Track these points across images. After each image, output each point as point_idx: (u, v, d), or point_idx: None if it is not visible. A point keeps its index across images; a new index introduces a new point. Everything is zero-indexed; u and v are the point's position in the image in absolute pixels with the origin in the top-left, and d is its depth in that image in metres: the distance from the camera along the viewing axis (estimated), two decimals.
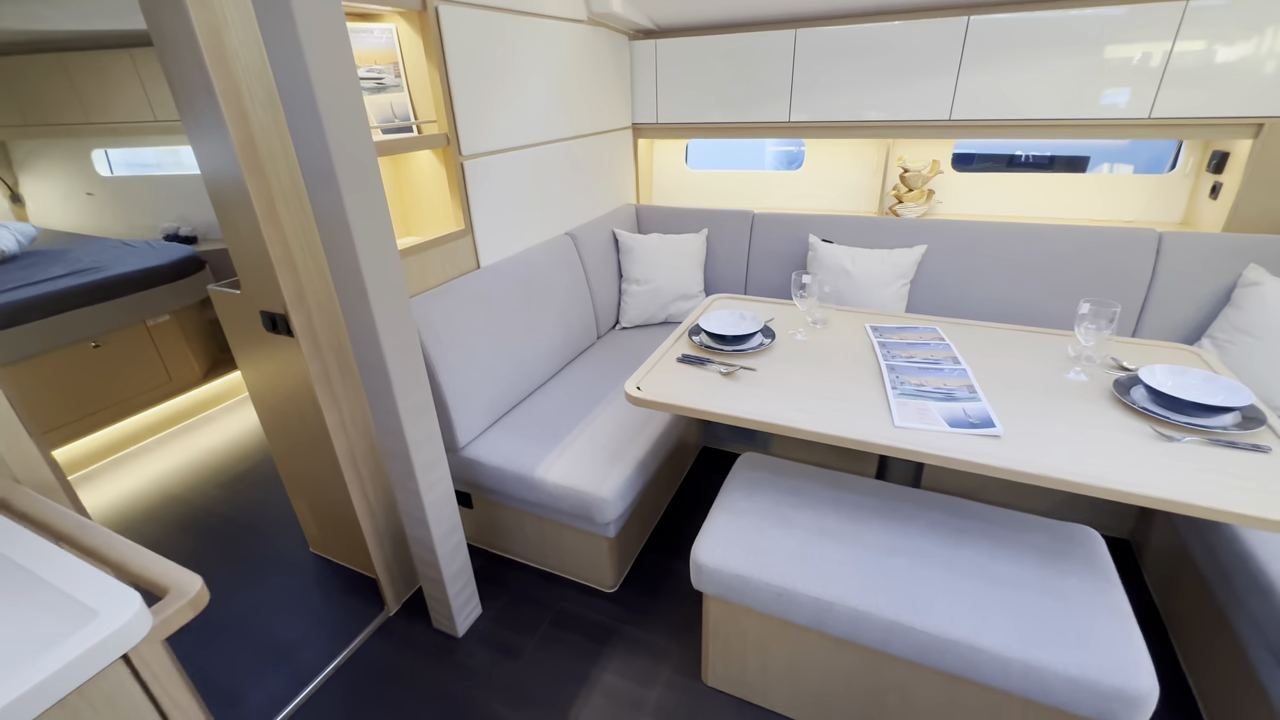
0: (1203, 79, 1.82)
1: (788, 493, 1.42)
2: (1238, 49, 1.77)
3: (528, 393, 1.92)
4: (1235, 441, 1.13)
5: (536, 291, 1.95)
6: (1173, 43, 1.81)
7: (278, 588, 1.82)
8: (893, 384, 1.38)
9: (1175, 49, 1.82)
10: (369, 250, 1.14)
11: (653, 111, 2.58)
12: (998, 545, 1.25)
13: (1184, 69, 1.83)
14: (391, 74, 1.60)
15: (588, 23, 2.17)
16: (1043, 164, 2.73)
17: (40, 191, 3.56)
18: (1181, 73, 1.83)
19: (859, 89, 2.21)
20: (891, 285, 2.12)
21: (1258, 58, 1.76)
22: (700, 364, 1.53)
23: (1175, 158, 2.20)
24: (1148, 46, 1.84)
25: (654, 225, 2.62)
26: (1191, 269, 1.88)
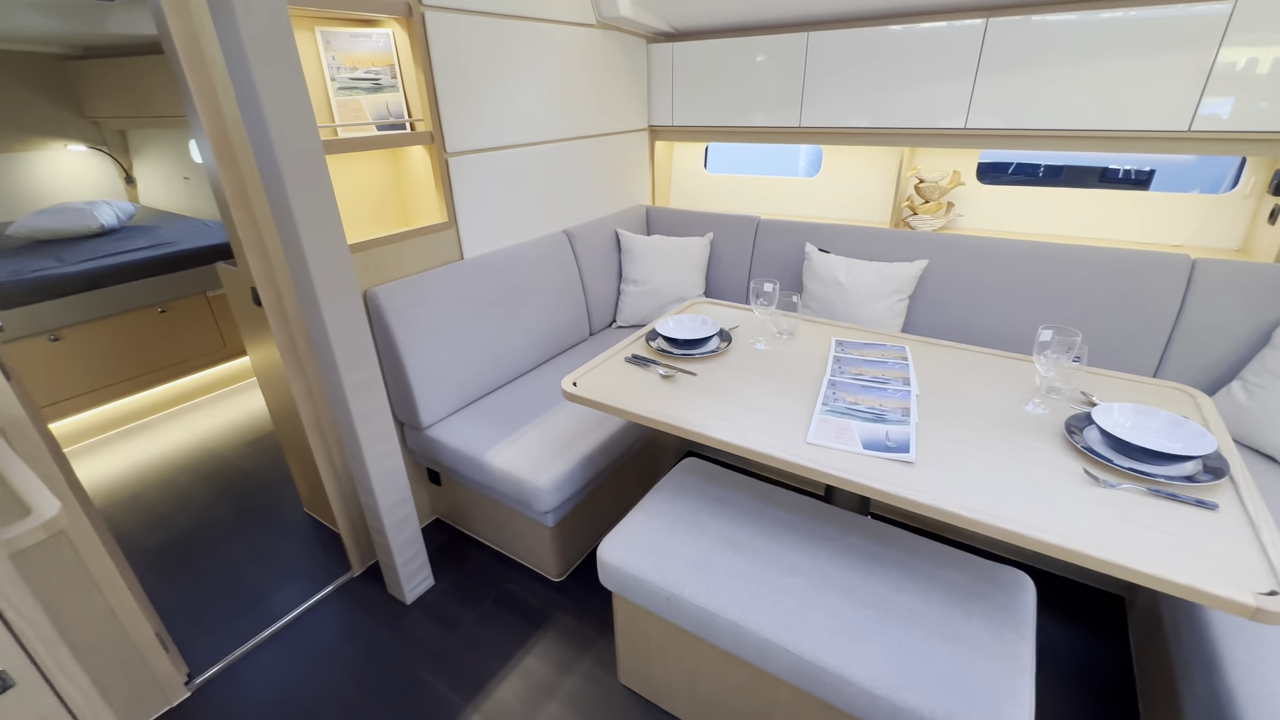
0: (1253, 87, 1.61)
1: (711, 500, 1.41)
2: None
3: (503, 381, 2.00)
4: (1178, 494, 1.01)
5: (521, 286, 2.02)
6: (1218, 47, 1.62)
7: (268, 540, 2.01)
8: (825, 400, 1.33)
9: (1220, 54, 1.62)
10: (313, 239, 1.25)
11: (669, 114, 2.59)
12: (908, 578, 1.18)
13: (1230, 76, 1.62)
14: (388, 75, 1.73)
15: (598, 26, 2.22)
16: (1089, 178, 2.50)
17: (149, 174, 4.07)
18: (1227, 80, 1.63)
19: (869, 94, 2.13)
20: (886, 300, 2.02)
21: None
22: (645, 365, 1.55)
23: (1237, 176, 1.95)
24: (1183, 51, 1.65)
25: (663, 227, 2.63)
26: (1228, 302, 1.67)
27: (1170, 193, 2.04)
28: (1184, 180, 2.32)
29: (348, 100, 1.65)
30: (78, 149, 3.80)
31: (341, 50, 1.62)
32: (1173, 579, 0.84)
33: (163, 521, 2.11)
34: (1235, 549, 0.89)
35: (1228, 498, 1.00)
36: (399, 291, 1.67)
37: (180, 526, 2.08)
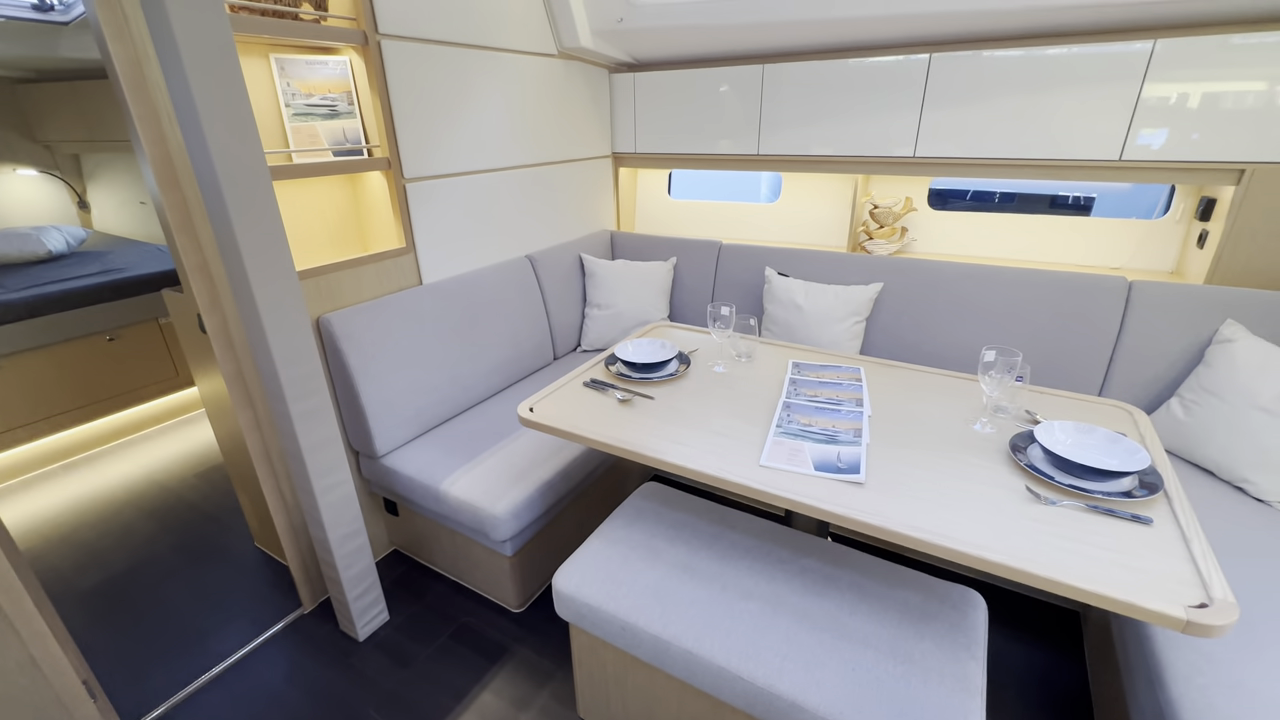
0: (1176, 120, 1.71)
1: (669, 525, 1.40)
2: (1213, 90, 1.66)
3: (463, 407, 1.97)
4: (1115, 510, 1.03)
5: (481, 311, 2.01)
6: (1141, 82, 1.72)
7: (214, 577, 1.92)
8: (779, 422, 1.34)
9: (1144, 89, 1.72)
10: (258, 266, 1.23)
11: (632, 142, 2.64)
12: (862, 599, 1.18)
13: (1155, 110, 1.72)
14: (345, 101, 1.73)
15: (559, 56, 2.26)
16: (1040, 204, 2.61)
17: (104, 199, 3.96)
18: (1152, 114, 1.73)
19: (823, 124, 2.20)
20: (844, 322, 2.06)
21: (1237, 99, 1.64)
22: (603, 389, 1.54)
23: (1169, 203, 2.06)
24: (1115, 86, 1.75)
25: (627, 251, 2.65)
26: (1164, 322, 1.74)
27: (1110, 218, 2.14)
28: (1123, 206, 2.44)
29: (303, 126, 1.64)
30: (28, 173, 3.69)
31: (297, 77, 1.62)
32: (1109, 594, 0.85)
33: (99, 560, 2.00)
34: (1169, 563, 0.92)
35: (1162, 512, 1.03)
36: (354, 318, 1.65)
37: (117, 565, 1.98)
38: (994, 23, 1.80)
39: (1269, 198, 1.66)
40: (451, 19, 1.80)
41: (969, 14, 1.77)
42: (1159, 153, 1.76)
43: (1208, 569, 0.89)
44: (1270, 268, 1.71)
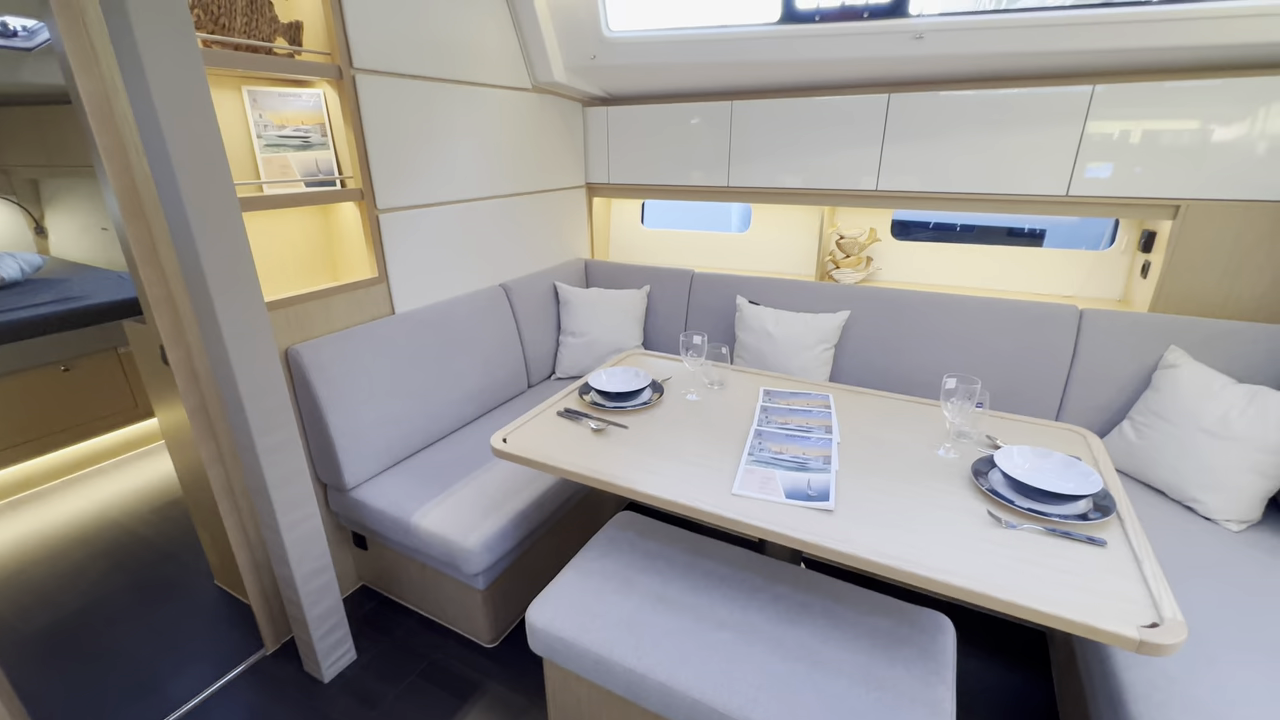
0: (1117, 159, 1.82)
1: (643, 554, 1.40)
2: (1149, 131, 1.77)
3: (435, 438, 1.95)
4: (1071, 532, 1.07)
5: (455, 340, 2.00)
6: (1083, 124, 1.83)
7: (171, 617, 1.84)
8: (750, 450, 1.36)
9: (1086, 130, 1.83)
10: (226, 298, 1.22)
11: (605, 173, 2.69)
12: (834, 626, 1.19)
13: (1097, 148, 1.83)
14: (318, 133, 1.73)
15: (534, 90, 2.31)
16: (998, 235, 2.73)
17: (63, 225, 3.85)
18: (1095, 152, 1.84)
19: (790, 157, 2.28)
20: (813, 349, 2.11)
21: (1171, 140, 1.76)
22: (577, 419, 1.55)
23: (1114, 235, 2.18)
24: (1060, 126, 1.86)
25: (601, 280, 2.68)
26: (1113, 348, 1.82)
27: (1062, 249, 2.25)
28: (1073, 237, 2.56)
29: (274, 157, 1.64)
30: None
31: (270, 109, 1.62)
32: (1067, 616, 0.88)
33: (46, 602, 1.90)
34: (1122, 584, 0.95)
35: (1115, 534, 1.07)
36: (324, 348, 1.63)
37: (67, 607, 1.88)
38: (946, 66, 1.91)
39: (1202, 232, 1.77)
40: (427, 55, 1.83)
41: (922, 59, 1.87)
42: (1102, 189, 1.86)
43: (1158, 589, 0.93)
44: (1206, 296, 1.82)
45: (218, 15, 1.42)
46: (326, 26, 1.58)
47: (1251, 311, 1.78)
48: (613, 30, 2.18)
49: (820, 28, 1.92)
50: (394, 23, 1.72)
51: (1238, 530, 1.46)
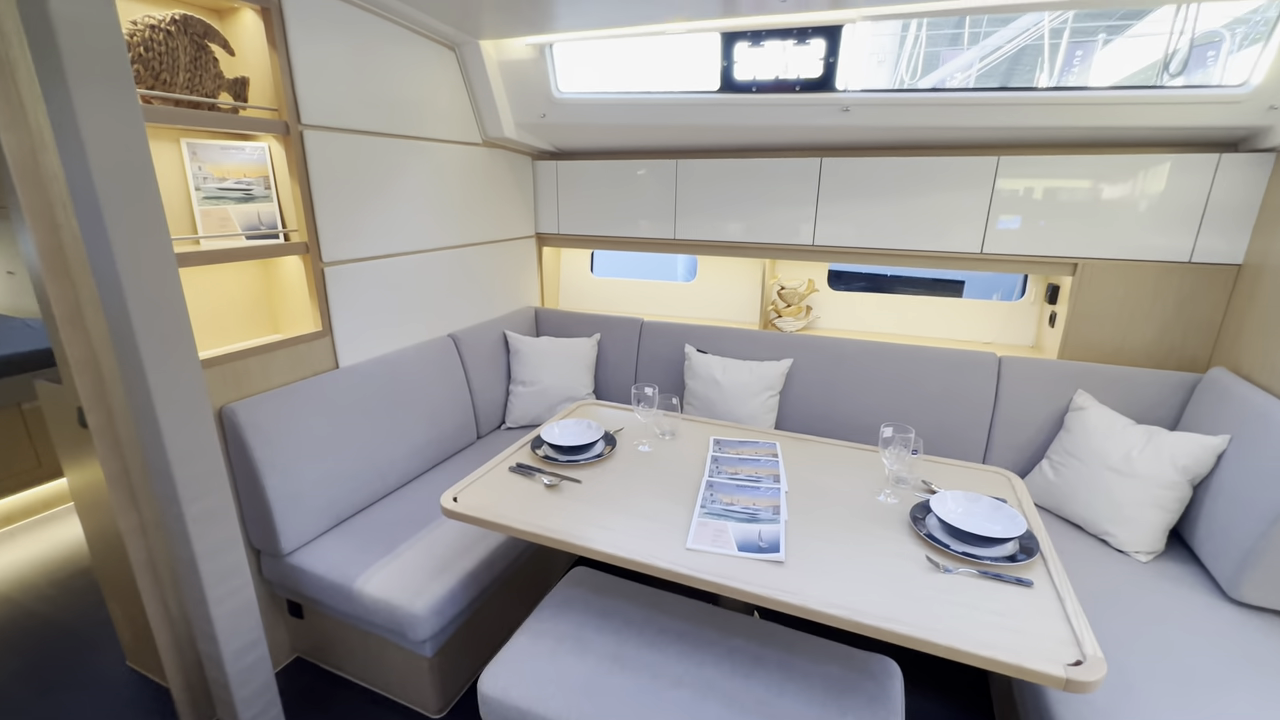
0: (1022, 221, 2.02)
1: (598, 612, 1.38)
2: (1048, 196, 1.98)
3: (380, 495, 1.88)
4: (1001, 574, 1.14)
5: (401, 393, 1.96)
6: (991, 190, 2.02)
7: (74, 707, 1.66)
8: (703, 502, 1.39)
9: (994, 196, 2.02)
10: (158, 360, 1.16)
11: (555, 224, 2.74)
12: (789, 677, 1.21)
13: (1005, 212, 2.03)
14: (261, 186, 1.70)
15: (484, 145, 2.36)
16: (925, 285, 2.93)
17: None
18: (1003, 215, 2.03)
19: (733, 214, 2.40)
20: (759, 396, 2.18)
21: (1068, 206, 1.96)
22: (530, 474, 1.54)
23: (1024, 287, 2.39)
24: (972, 192, 2.05)
25: (551, 328, 2.70)
26: (1030, 392, 1.98)
27: (980, 299, 2.45)
28: (990, 288, 2.78)
29: (214, 210, 1.60)
30: None
31: (210, 161, 1.59)
32: (1000, 659, 0.94)
33: None
34: (1048, 623, 1.02)
35: (1040, 574, 1.15)
36: (262, 406, 1.56)
37: None
38: (871, 135, 2.09)
39: (1097, 287, 1.98)
40: (377, 111, 1.85)
41: (849, 128, 2.04)
42: (1011, 247, 2.06)
43: (1080, 626, 1.00)
44: (1105, 344, 2.01)
45: (159, 71, 1.40)
46: (274, 83, 1.58)
47: (1142, 358, 1.98)
48: (562, 91, 2.27)
49: (757, 98, 2.06)
50: (345, 81, 1.73)
51: (1146, 561, 1.59)
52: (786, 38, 1.94)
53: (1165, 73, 2.03)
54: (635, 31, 1.97)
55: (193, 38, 1.45)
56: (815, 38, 1.91)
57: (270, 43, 1.55)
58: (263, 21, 1.54)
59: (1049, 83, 4.70)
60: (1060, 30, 3.43)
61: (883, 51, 5.29)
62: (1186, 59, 1.87)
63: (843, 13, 1.78)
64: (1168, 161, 1.84)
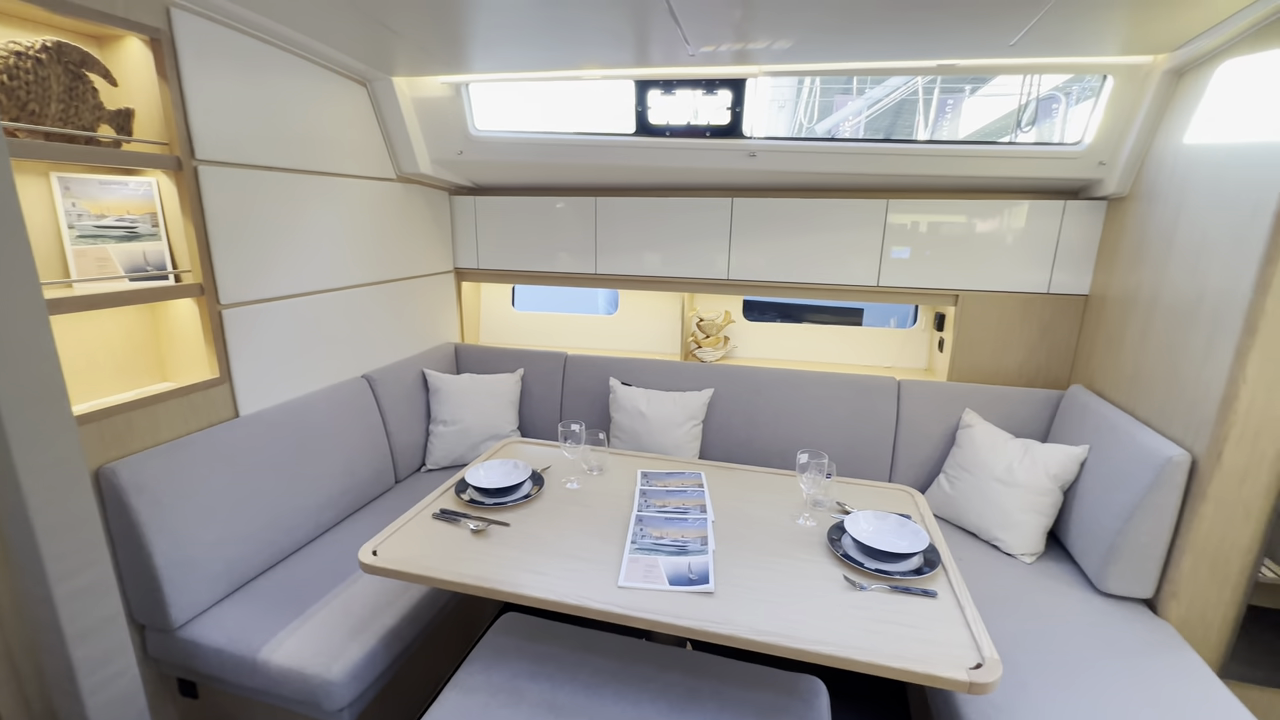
0: (912, 257, 2.23)
1: (530, 659, 1.35)
2: (933, 234, 2.20)
3: (288, 551, 1.75)
4: (909, 588, 1.24)
5: (311, 440, 1.85)
6: (883, 229, 2.23)
7: None
8: (633, 538, 1.41)
9: (886, 235, 2.23)
10: (22, 420, 1.04)
11: (474, 258, 2.71)
12: (722, 707, 1.23)
13: (896, 248, 2.23)
14: (148, 224, 1.57)
15: (398, 181, 2.31)
16: (825, 316, 3.14)
17: None
18: (894, 250, 2.24)
19: (652, 249, 2.48)
20: (683, 426, 2.24)
21: (949, 244, 2.19)
22: (455, 520, 1.49)
23: (916, 315, 2.62)
24: (868, 231, 2.24)
25: (472, 365, 2.64)
26: (926, 412, 2.16)
27: (879, 327, 2.66)
28: (885, 316, 3.02)
29: (90, 249, 1.46)
30: None
31: (87, 197, 1.46)
32: (912, 669, 1.01)
33: None
34: (951, 631, 1.11)
35: (942, 584, 1.25)
36: (148, 464, 1.42)
37: None
38: (777, 178, 2.25)
39: (975, 315, 2.21)
40: (282, 146, 1.78)
41: (757, 172, 2.19)
42: (902, 280, 2.26)
43: (978, 631, 1.10)
44: (985, 366, 2.24)
45: (25, 101, 1.28)
46: (165, 115, 1.48)
47: (1016, 378, 2.23)
48: (479, 129, 2.27)
49: (671, 141, 2.17)
50: (246, 116, 1.66)
51: (1030, 562, 1.76)
52: (696, 87, 2.06)
53: (1019, 128, 2.34)
54: (551, 76, 2.02)
55: (67, 66, 1.34)
56: (722, 89, 2.05)
57: (160, 74, 1.46)
58: (151, 51, 1.45)
59: (926, 130, 5.28)
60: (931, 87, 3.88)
61: (783, 98, 5.73)
62: (1035, 115, 2.17)
63: (745, 68, 1.93)
64: (1025, 205, 2.11)
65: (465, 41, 1.75)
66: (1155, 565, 1.52)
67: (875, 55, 1.75)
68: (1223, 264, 1.41)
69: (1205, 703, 1.24)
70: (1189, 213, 1.57)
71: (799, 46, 1.68)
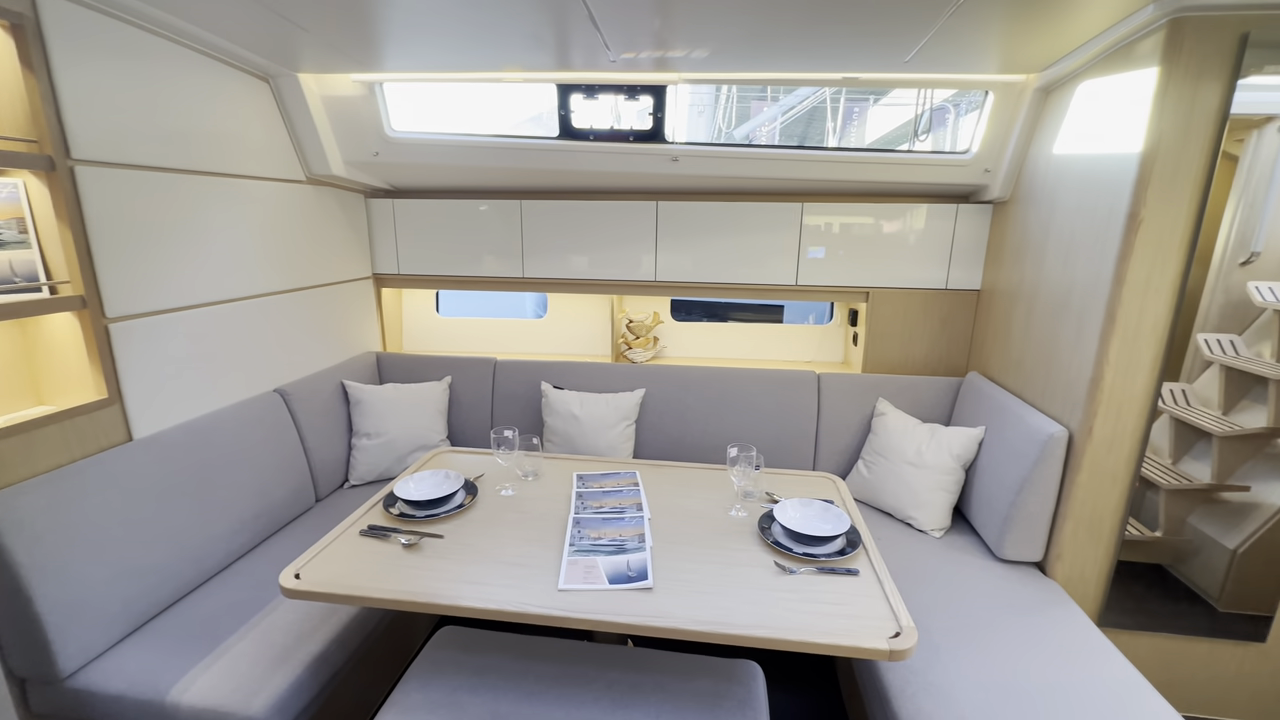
0: (826, 257, 2.37)
1: (470, 672, 1.33)
2: (846, 236, 2.34)
3: (196, 584, 1.62)
4: (834, 568, 1.32)
5: (218, 461, 1.72)
6: (800, 231, 2.35)
7: None
8: (571, 540, 1.41)
9: (803, 235, 2.35)
10: None
11: (394, 263, 2.61)
12: (665, 699, 1.26)
13: (813, 248, 2.36)
14: (15, 229, 1.41)
15: (308, 183, 2.19)
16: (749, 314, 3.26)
17: None
18: (811, 251, 2.36)
19: (580, 252, 2.49)
20: (616, 427, 2.26)
21: (861, 244, 2.34)
22: (385, 536, 1.44)
23: (831, 312, 2.78)
24: (786, 233, 2.36)
25: (396, 374, 2.54)
26: (844, 403, 2.30)
27: (799, 324, 2.80)
28: (804, 313, 3.18)
29: None
30: None
31: None
32: (839, 643, 1.09)
33: None
34: (873, 605, 1.20)
35: (864, 563, 1.35)
36: (24, 498, 1.27)
37: None
38: (700, 182, 2.31)
39: (884, 311, 2.38)
40: (176, 146, 1.64)
41: (680, 176, 2.24)
42: (818, 279, 2.39)
43: (896, 603, 1.19)
44: (894, 358, 2.41)
45: None
46: (32, 111, 1.34)
47: (921, 367, 2.41)
48: (396, 130, 2.20)
49: (595, 145, 2.18)
50: (130, 112, 1.52)
51: (939, 537, 1.92)
52: (619, 92, 2.09)
53: (916, 136, 2.53)
54: (470, 78, 1.99)
55: None
56: (644, 94, 2.09)
57: (25, 64, 1.31)
58: (13, 39, 1.30)
59: (835, 136, 5.61)
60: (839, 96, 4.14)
61: (702, 103, 5.90)
62: (930, 125, 2.36)
63: (666, 75, 1.97)
64: (924, 209, 2.29)
65: (378, 40, 1.69)
66: (1043, 531, 1.70)
67: (786, 67, 1.85)
68: (1087, 261, 1.60)
69: (1085, 648, 1.41)
70: (1059, 216, 1.76)
71: (716, 56, 1.75)
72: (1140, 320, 1.50)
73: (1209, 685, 1.75)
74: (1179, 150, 1.40)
